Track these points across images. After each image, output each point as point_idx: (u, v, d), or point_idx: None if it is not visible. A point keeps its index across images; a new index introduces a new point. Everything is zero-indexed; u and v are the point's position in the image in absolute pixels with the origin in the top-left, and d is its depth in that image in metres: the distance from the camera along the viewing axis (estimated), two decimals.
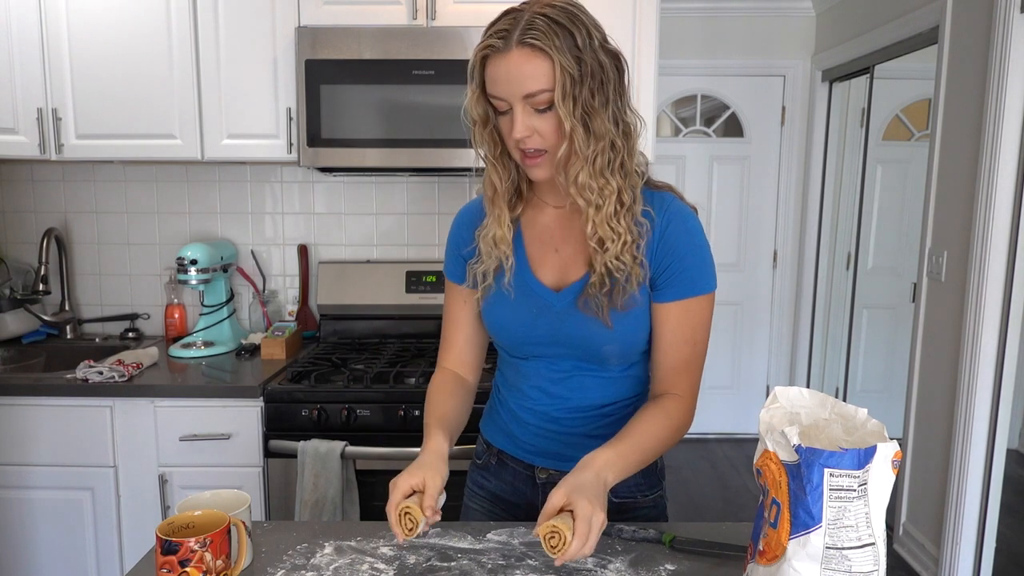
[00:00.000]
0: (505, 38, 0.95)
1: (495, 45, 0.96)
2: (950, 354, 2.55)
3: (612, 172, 1.01)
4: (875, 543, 0.78)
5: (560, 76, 0.94)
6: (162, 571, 0.87)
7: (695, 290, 1.08)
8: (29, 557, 2.00)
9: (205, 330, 2.30)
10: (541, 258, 1.13)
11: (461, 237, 1.20)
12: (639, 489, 1.19)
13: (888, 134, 3.93)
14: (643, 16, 2.08)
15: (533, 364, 1.17)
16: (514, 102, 0.97)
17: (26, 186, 2.47)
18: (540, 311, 1.11)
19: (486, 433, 1.28)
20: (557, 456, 1.18)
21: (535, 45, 0.94)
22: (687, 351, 1.12)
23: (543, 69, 0.95)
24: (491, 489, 1.25)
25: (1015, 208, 2.32)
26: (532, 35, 0.94)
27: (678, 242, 1.07)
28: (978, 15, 2.40)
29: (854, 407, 0.85)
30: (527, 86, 0.96)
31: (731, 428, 4.24)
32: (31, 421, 1.93)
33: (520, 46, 0.95)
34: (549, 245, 1.13)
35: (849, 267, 3.77)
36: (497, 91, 0.98)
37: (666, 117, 4.03)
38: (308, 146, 2.05)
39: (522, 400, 1.19)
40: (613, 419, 1.16)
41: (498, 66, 0.97)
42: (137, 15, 2.07)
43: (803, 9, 3.82)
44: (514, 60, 0.95)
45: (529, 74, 0.95)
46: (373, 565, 0.99)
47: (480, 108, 1.03)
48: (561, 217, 1.12)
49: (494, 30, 0.97)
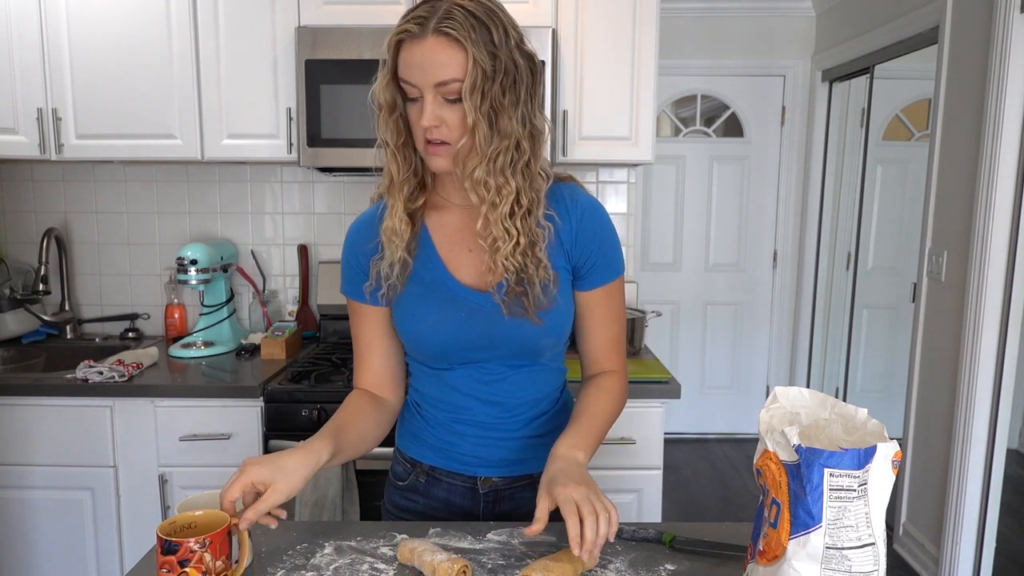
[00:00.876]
0: (422, 24, 0.95)
1: (411, 30, 0.95)
2: (950, 354, 2.55)
3: (513, 172, 1.01)
4: (875, 543, 0.78)
5: (472, 69, 0.94)
6: (162, 571, 0.87)
7: (615, 273, 1.13)
8: (29, 557, 2.00)
9: (205, 330, 2.30)
10: (455, 259, 1.10)
11: (358, 248, 1.13)
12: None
13: (888, 134, 3.93)
14: (643, 16, 2.09)
15: (460, 373, 1.13)
16: (425, 89, 0.97)
17: (26, 186, 2.47)
18: (470, 314, 1.08)
19: (409, 451, 1.21)
20: (501, 462, 1.16)
21: (451, 35, 0.94)
22: (615, 329, 1.16)
23: (457, 59, 0.95)
24: (418, 510, 1.20)
25: (1015, 208, 2.32)
26: (449, 24, 0.94)
27: (595, 231, 1.10)
28: (978, 15, 2.40)
29: (854, 407, 0.85)
30: (439, 74, 0.95)
31: (731, 428, 4.24)
32: (31, 421, 1.93)
33: (436, 34, 0.94)
34: (461, 245, 1.10)
35: (849, 267, 3.77)
36: (409, 76, 0.97)
37: (666, 117, 4.03)
38: (308, 146, 2.05)
39: (455, 412, 1.15)
40: (548, 415, 1.18)
41: (413, 52, 0.96)
42: (137, 15, 2.07)
43: (803, 9, 3.82)
44: (429, 47, 0.95)
45: (442, 63, 0.95)
46: (373, 565, 0.99)
47: (388, 94, 1.01)
48: (469, 216, 1.09)
49: (412, 15, 0.96)
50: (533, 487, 1.17)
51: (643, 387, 1.94)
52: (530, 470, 1.17)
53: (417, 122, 0.99)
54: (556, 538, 1.06)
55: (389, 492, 1.26)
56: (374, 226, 1.11)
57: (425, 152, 1.02)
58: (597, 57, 2.11)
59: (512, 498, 1.18)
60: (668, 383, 1.97)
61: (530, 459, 1.17)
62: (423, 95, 0.97)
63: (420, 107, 0.98)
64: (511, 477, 1.17)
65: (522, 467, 1.17)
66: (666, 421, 1.99)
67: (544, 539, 1.06)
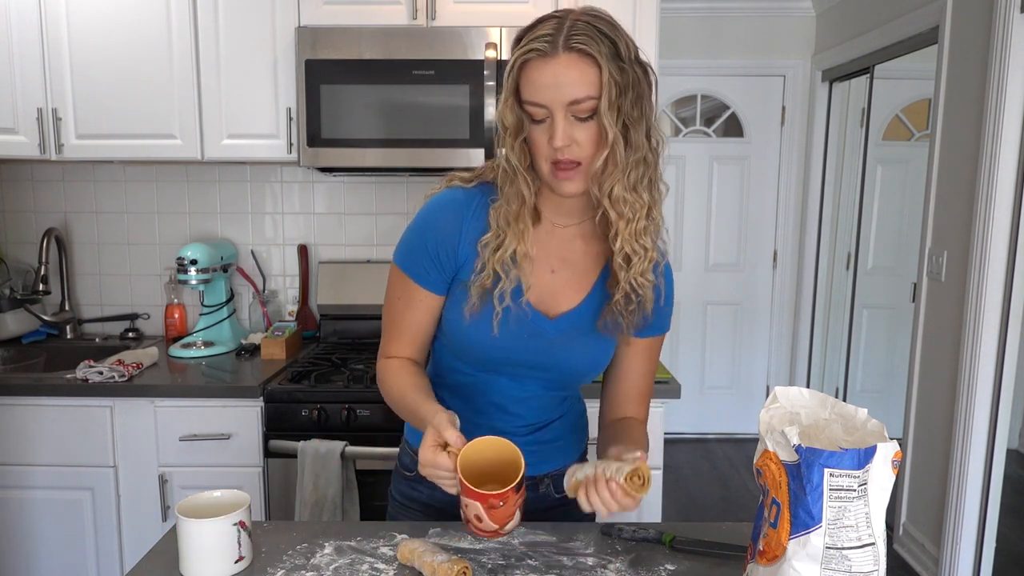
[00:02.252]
0: (551, 42, 0.92)
1: (541, 49, 0.92)
2: (950, 354, 2.55)
3: (644, 187, 0.99)
4: (875, 543, 0.78)
5: (607, 83, 0.92)
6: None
7: (664, 329, 1.14)
8: (29, 557, 2.00)
9: (205, 330, 2.30)
10: (535, 278, 1.07)
11: (441, 232, 1.06)
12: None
13: (888, 134, 3.93)
14: (643, 16, 2.08)
15: (495, 379, 1.13)
16: (556, 109, 0.93)
17: (26, 186, 2.47)
18: (531, 336, 1.07)
19: (417, 443, 1.20)
20: None
21: (584, 51, 0.91)
22: (648, 382, 1.18)
23: (591, 76, 0.92)
24: (422, 499, 1.20)
25: (1015, 208, 2.32)
26: (580, 40, 0.91)
27: (667, 284, 1.11)
28: (978, 15, 2.40)
29: (854, 407, 0.85)
30: (573, 92, 0.92)
31: (731, 428, 4.24)
32: (31, 421, 1.93)
33: (568, 51, 0.91)
34: (544, 265, 1.08)
35: (849, 267, 3.77)
36: (538, 97, 0.94)
37: (666, 117, 4.03)
38: (308, 146, 2.05)
39: (472, 413, 1.13)
40: (544, 440, 1.18)
41: (542, 71, 0.93)
42: (137, 15, 2.07)
43: (803, 9, 3.82)
44: (562, 65, 0.92)
45: (576, 79, 0.92)
46: (373, 565, 0.99)
47: (513, 116, 0.98)
48: (564, 236, 1.08)
49: (536, 34, 0.93)
50: (533, 488, 1.18)
51: None
52: (531, 472, 1.17)
53: (544, 143, 0.96)
54: (556, 538, 1.06)
55: (396, 481, 1.26)
56: (464, 215, 1.06)
57: (553, 175, 0.98)
58: None
59: None
60: (668, 383, 1.97)
61: (532, 463, 1.16)
62: (553, 115, 0.94)
63: (547, 128, 0.95)
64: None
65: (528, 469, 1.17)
66: (666, 421, 1.99)
67: (544, 539, 1.06)
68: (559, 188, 1.00)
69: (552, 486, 1.20)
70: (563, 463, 1.19)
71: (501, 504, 0.90)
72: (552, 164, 0.97)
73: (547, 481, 1.19)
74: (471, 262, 1.06)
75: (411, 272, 1.09)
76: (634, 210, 0.99)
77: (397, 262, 1.11)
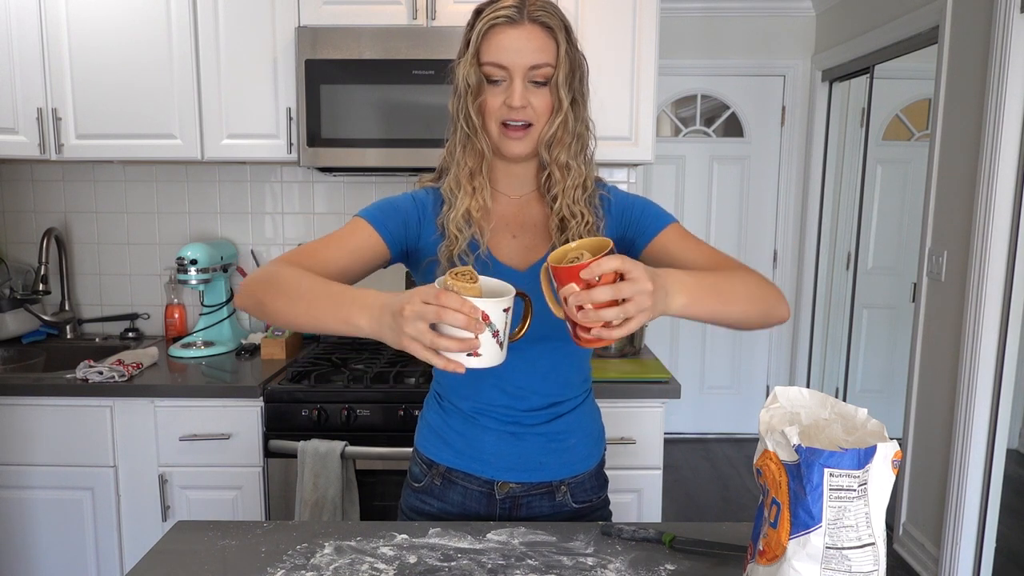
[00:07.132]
0: (518, 12, 1.03)
1: (509, 15, 1.03)
2: (950, 354, 2.55)
3: (583, 160, 1.11)
4: (875, 543, 0.78)
5: (563, 57, 1.04)
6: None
7: (665, 218, 1.13)
8: (29, 557, 2.00)
9: (205, 330, 2.30)
10: (497, 243, 1.13)
11: (423, 212, 1.12)
12: (593, 491, 1.23)
13: (888, 134, 3.93)
14: (643, 16, 2.09)
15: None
16: (516, 72, 1.03)
17: (26, 186, 2.47)
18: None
19: (427, 451, 1.21)
20: (520, 465, 1.16)
21: (546, 24, 1.04)
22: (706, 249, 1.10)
23: (550, 47, 1.04)
24: (431, 513, 1.20)
25: (1015, 208, 2.32)
26: (542, 16, 1.04)
27: (624, 201, 1.17)
28: (978, 15, 2.40)
29: (854, 407, 0.84)
30: (535, 58, 1.03)
31: (731, 428, 4.24)
32: (31, 421, 1.93)
33: (532, 22, 1.03)
34: (505, 232, 1.14)
35: (849, 267, 3.77)
36: (501, 59, 1.03)
37: (666, 117, 4.03)
38: (308, 146, 2.05)
39: (479, 405, 1.15)
40: (567, 416, 1.17)
41: (508, 35, 1.03)
42: (137, 15, 2.07)
43: (803, 9, 3.82)
44: (526, 33, 1.03)
45: (538, 48, 1.03)
46: (373, 565, 0.99)
47: (476, 76, 1.05)
48: (517, 205, 1.16)
49: (502, 5, 1.04)
50: (550, 495, 1.18)
51: (643, 387, 1.94)
52: (548, 477, 1.17)
53: (497, 106, 1.05)
54: (556, 538, 1.06)
55: (406, 494, 1.25)
56: (437, 209, 1.13)
57: (502, 135, 1.07)
58: (597, 57, 2.09)
59: (529, 506, 1.18)
60: (668, 383, 1.97)
61: (550, 464, 1.17)
62: (512, 77, 1.03)
63: (503, 90, 1.04)
64: (529, 483, 1.17)
65: (540, 473, 1.17)
66: (666, 421, 1.99)
67: (544, 539, 1.06)
68: (507, 148, 1.07)
69: (570, 494, 1.20)
70: (582, 470, 1.20)
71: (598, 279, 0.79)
72: (502, 125, 1.06)
73: (564, 489, 1.19)
74: (431, 249, 1.11)
75: (372, 218, 1.09)
76: (575, 178, 1.10)
77: (360, 213, 1.10)
